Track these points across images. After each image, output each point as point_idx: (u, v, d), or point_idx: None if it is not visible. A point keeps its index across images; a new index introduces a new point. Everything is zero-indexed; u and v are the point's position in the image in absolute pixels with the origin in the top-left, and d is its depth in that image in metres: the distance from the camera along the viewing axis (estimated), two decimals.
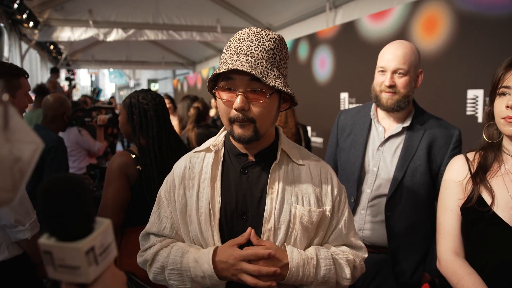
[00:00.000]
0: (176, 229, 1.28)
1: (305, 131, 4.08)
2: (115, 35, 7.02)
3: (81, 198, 0.57)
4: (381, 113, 1.95)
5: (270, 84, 1.07)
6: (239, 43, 1.11)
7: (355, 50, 4.60)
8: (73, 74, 12.27)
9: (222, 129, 1.31)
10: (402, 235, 1.85)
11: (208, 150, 1.26)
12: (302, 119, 5.03)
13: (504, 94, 1.30)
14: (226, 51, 1.13)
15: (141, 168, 1.98)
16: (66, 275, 0.58)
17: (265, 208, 1.16)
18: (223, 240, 1.17)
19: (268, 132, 1.21)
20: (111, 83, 29.16)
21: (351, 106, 4.69)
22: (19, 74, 2.14)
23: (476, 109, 3.05)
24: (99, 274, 0.60)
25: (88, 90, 21.58)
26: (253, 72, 1.04)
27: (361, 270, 1.31)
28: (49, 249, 0.56)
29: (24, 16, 5.68)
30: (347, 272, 1.21)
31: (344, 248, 1.29)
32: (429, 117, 1.90)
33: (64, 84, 10.57)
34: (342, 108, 4.86)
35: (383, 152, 1.89)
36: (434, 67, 3.35)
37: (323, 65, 5.28)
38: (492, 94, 1.37)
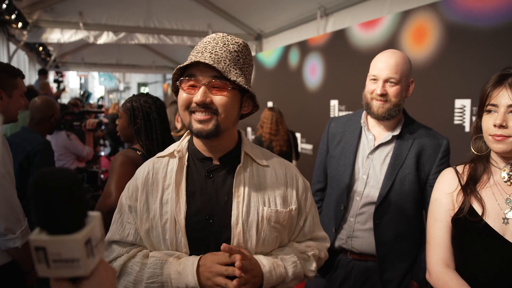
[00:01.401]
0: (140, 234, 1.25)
1: (294, 138, 4.10)
2: (106, 38, 6.97)
3: (76, 190, 0.57)
4: (371, 121, 1.96)
5: (231, 79, 1.10)
6: (205, 44, 1.15)
7: (345, 58, 4.64)
8: (62, 76, 12.13)
9: (186, 134, 1.31)
10: (390, 243, 1.86)
11: (171, 155, 1.26)
12: (292, 125, 5.05)
13: (491, 111, 1.34)
14: (193, 51, 1.17)
15: None
16: (62, 270, 0.57)
17: (232, 212, 1.17)
18: (191, 245, 1.17)
19: (231, 134, 1.22)
20: (100, 86, 28.93)
21: (341, 113, 4.72)
22: (15, 74, 2.12)
23: (464, 118, 3.09)
24: (94, 267, 0.60)
25: (77, 93, 21.37)
26: (215, 65, 1.07)
27: (325, 258, 1.41)
28: (43, 244, 0.55)
29: (13, 16, 5.61)
30: (313, 265, 1.32)
31: (309, 242, 1.34)
32: (418, 126, 1.92)
33: (53, 86, 10.44)
34: (332, 115, 4.89)
35: (373, 160, 1.90)
36: (423, 77, 3.39)
37: (314, 72, 5.31)
38: (480, 110, 1.40)
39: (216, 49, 1.11)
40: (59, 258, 0.56)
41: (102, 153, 9.61)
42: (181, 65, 1.13)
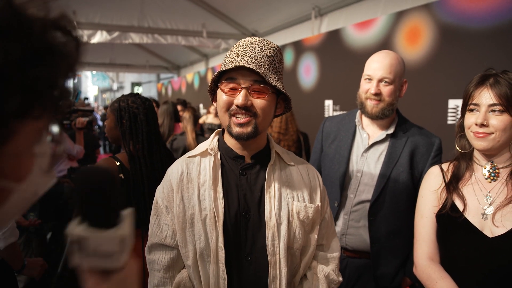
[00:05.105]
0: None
1: (305, 139, 3.98)
2: (99, 37, 6.92)
3: (111, 189, 0.61)
4: (365, 120, 1.98)
5: (272, 83, 1.15)
6: (242, 48, 1.18)
7: (339, 58, 4.65)
8: None
9: (214, 133, 1.35)
10: (384, 240, 1.88)
11: (204, 154, 1.30)
12: None
13: (473, 110, 1.40)
14: (230, 54, 1.21)
15: (123, 177, 1.95)
16: (97, 261, 0.61)
17: (265, 207, 1.22)
18: (226, 241, 1.19)
19: (264, 134, 1.29)
20: (93, 86, 28.79)
21: (335, 113, 4.73)
22: None
23: (457, 118, 3.11)
24: (125, 261, 0.65)
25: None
26: (258, 70, 1.12)
27: (338, 276, 1.35)
28: (83, 236, 0.60)
29: None
30: None
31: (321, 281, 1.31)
32: (411, 125, 1.95)
33: None
34: (326, 115, 4.90)
35: (367, 158, 1.92)
36: (416, 77, 3.41)
37: (308, 72, 5.32)
38: (463, 108, 1.46)
39: (255, 53, 1.16)
40: (96, 251, 0.61)
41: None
42: (224, 69, 1.17)
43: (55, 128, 0.52)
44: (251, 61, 1.14)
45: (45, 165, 0.51)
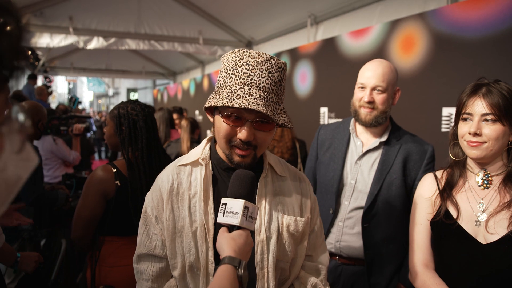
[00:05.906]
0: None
1: (302, 146, 3.95)
2: (96, 43, 6.93)
3: (251, 182, 1.07)
4: (359, 128, 2.00)
5: (279, 122, 1.11)
6: (248, 70, 1.10)
7: (335, 65, 4.68)
8: (50, 81, 12.00)
9: (206, 140, 1.31)
10: (378, 247, 1.89)
11: (195, 164, 1.26)
12: None
13: (466, 119, 1.42)
14: (233, 74, 1.11)
15: (119, 184, 1.95)
16: (228, 218, 1.02)
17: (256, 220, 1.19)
18: (216, 254, 1.14)
19: None
20: (89, 91, 28.73)
21: (331, 120, 4.75)
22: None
23: (451, 126, 3.13)
24: (243, 227, 1.02)
25: (65, 98, 21.20)
26: (267, 112, 1.07)
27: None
28: (226, 202, 1.04)
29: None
30: None
31: None
32: (404, 133, 1.98)
33: None
34: (321, 123, 4.92)
35: (361, 166, 1.94)
36: (411, 85, 3.44)
37: (304, 80, 5.35)
38: (456, 117, 1.48)
39: (262, 81, 1.09)
40: (230, 210, 1.02)
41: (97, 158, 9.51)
42: (231, 105, 1.07)
43: (14, 107, 0.52)
44: (260, 96, 1.08)
45: (16, 144, 0.51)
